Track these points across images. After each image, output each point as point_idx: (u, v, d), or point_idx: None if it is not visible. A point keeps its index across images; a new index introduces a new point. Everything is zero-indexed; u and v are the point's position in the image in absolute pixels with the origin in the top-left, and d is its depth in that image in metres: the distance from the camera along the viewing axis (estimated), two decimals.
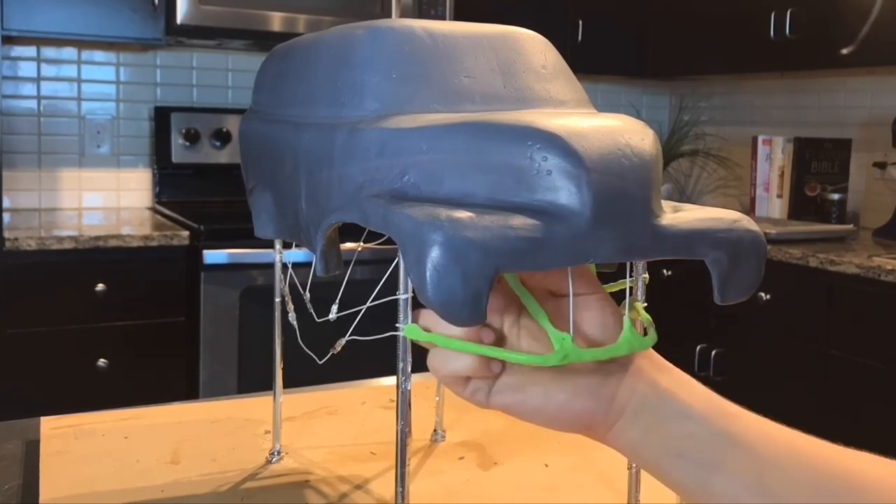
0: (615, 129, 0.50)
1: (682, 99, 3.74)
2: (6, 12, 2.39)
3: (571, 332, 0.49)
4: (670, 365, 0.52)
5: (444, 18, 2.79)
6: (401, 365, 0.55)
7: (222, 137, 2.95)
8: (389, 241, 0.50)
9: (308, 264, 0.64)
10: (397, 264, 0.52)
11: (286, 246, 0.79)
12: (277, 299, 0.81)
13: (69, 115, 2.87)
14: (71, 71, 2.86)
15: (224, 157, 2.97)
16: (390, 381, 1.11)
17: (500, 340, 0.52)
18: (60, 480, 0.77)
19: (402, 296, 0.53)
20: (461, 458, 0.86)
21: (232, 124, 2.96)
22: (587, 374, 0.50)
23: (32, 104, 2.82)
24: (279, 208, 0.69)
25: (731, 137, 3.53)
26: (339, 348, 0.71)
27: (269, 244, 0.79)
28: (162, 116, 2.91)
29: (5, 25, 2.39)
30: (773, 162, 3.10)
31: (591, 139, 0.48)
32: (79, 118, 2.88)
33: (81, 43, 2.82)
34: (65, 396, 2.33)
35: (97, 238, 2.35)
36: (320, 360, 0.76)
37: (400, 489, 0.56)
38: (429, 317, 0.51)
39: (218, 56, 3.04)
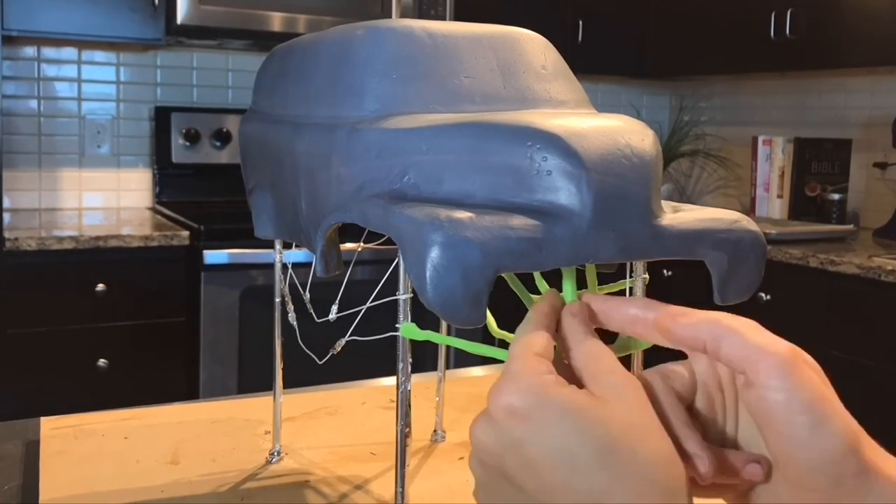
0: (615, 130, 0.50)
1: (682, 99, 3.73)
2: (6, 12, 2.39)
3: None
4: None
5: (444, 18, 2.79)
6: (401, 365, 0.55)
7: (222, 137, 2.95)
8: (389, 241, 0.50)
9: (308, 264, 0.64)
10: (397, 264, 0.52)
11: (286, 246, 0.79)
12: (277, 299, 0.81)
13: (69, 115, 2.86)
14: (71, 71, 2.85)
15: (224, 157, 2.97)
16: (390, 381, 1.11)
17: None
18: (60, 480, 0.77)
19: (402, 296, 0.53)
20: (461, 458, 0.86)
21: (232, 124, 2.96)
22: None
23: (32, 104, 2.82)
24: (279, 209, 0.69)
25: (731, 137, 3.53)
26: (339, 348, 0.71)
27: (269, 244, 0.79)
28: (162, 116, 2.91)
29: (5, 25, 2.39)
30: (774, 162, 3.09)
31: (591, 139, 0.48)
32: (79, 118, 2.88)
33: (81, 43, 2.82)
34: (65, 396, 2.33)
35: (97, 238, 2.34)
36: (320, 360, 0.76)
37: (400, 489, 0.56)
38: None
39: (218, 56, 3.04)
